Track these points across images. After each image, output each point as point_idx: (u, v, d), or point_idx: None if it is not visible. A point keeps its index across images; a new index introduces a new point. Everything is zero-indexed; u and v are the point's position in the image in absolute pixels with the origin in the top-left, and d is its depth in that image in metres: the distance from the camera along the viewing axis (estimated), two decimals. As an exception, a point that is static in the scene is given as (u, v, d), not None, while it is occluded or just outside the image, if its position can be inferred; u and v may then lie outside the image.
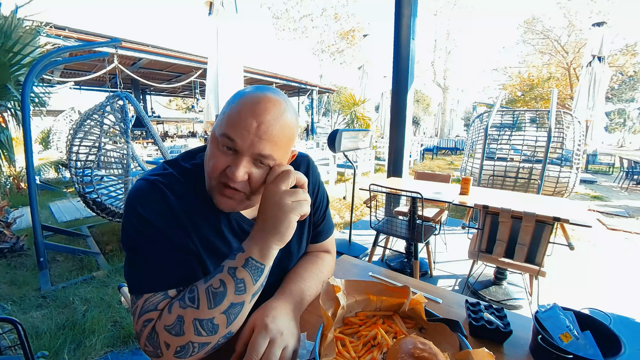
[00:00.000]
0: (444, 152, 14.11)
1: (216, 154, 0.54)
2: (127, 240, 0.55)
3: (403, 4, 3.15)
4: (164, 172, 0.59)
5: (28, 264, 2.65)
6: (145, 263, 0.53)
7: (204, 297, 0.49)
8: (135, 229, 0.53)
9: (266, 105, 0.52)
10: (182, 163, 0.63)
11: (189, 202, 0.58)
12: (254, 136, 0.51)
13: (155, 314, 0.51)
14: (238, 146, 0.52)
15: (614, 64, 13.96)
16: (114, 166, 3.16)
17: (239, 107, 0.53)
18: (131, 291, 0.54)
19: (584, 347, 0.57)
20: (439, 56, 20.39)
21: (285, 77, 12.58)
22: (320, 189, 0.82)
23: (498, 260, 1.95)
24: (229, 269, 0.51)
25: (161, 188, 0.55)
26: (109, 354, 1.65)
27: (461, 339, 0.58)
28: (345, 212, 4.34)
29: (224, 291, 0.50)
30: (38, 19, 2.66)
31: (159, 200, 0.55)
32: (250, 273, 0.51)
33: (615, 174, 8.34)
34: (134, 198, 0.55)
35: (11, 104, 2.66)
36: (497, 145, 3.82)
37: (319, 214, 0.81)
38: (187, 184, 0.59)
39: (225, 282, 0.50)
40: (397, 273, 0.91)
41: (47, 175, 6.22)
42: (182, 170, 0.61)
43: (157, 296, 0.52)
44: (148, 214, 0.53)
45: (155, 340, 0.49)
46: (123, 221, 0.56)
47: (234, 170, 0.52)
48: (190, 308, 0.49)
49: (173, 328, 0.48)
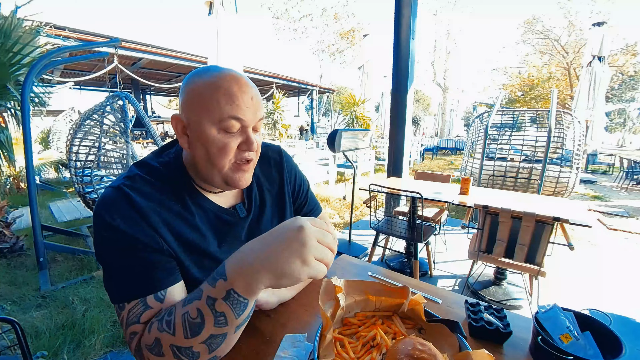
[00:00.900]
0: (444, 152, 14.12)
1: (222, 137, 0.55)
2: (99, 250, 0.54)
3: (403, 4, 3.15)
4: (130, 174, 0.58)
5: (28, 264, 2.65)
6: (120, 271, 0.52)
7: (180, 324, 0.46)
8: (104, 238, 0.52)
9: (241, 78, 0.56)
10: (151, 162, 0.61)
11: (158, 200, 0.56)
12: (253, 108, 0.56)
13: (139, 327, 0.50)
14: (245, 122, 0.55)
15: (614, 64, 13.94)
16: (114, 166, 3.15)
17: (226, 88, 0.54)
18: (112, 301, 0.53)
19: (584, 348, 0.57)
20: (439, 56, 20.39)
21: (285, 77, 12.58)
22: (297, 174, 0.82)
23: (498, 260, 1.95)
24: (207, 299, 0.45)
25: (126, 192, 0.54)
26: (108, 354, 1.65)
27: (461, 339, 0.58)
28: (345, 212, 4.34)
29: (202, 323, 0.45)
30: (38, 19, 2.66)
31: (125, 205, 0.53)
32: (232, 307, 0.45)
33: (615, 174, 8.34)
34: (100, 207, 0.53)
35: (11, 104, 2.66)
36: (497, 145, 3.82)
37: (301, 198, 0.82)
38: (156, 183, 0.58)
39: (203, 313, 0.45)
40: (397, 273, 0.91)
41: (47, 175, 6.23)
42: (150, 170, 0.60)
43: (139, 307, 0.51)
44: (114, 220, 0.52)
45: (140, 355, 0.49)
46: (94, 233, 0.55)
47: (251, 142, 0.56)
48: (167, 333, 0.46)
49: (153, 349, 0.47)
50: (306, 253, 0.43)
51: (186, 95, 0.56)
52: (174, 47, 9.24)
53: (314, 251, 0.43)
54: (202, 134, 0.55)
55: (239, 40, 3.77)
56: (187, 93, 0.56)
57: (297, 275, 0.43)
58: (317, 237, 0.45)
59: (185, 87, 0.56)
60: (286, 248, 0.43)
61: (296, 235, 0.43)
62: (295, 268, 0.43)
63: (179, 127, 0.57)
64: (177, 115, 0.57)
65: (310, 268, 0.43)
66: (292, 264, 0.42)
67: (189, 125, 0.56)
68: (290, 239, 0.44)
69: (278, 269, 0.43)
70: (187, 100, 0.56)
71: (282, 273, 0.43)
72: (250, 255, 0.45)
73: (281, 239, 0.44)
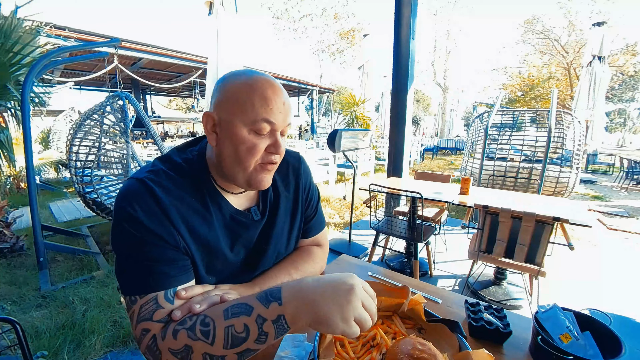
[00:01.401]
0: (444, 152, 14.12)
1: (252, 138, 0.56)
2: (117, 241, 0.54)
3: (403, 4, 3.15)
4: (154, 168, 0.59)
5: (28, 264, 2.65)
6: (137, 264, 0.53)
7: (222, 336, 0.47)
8: (124, 228, 0.53)
9: (275, 83, 0.58)
10: (174, 158, 0.62)
11: (179, 197, 0.57)
12: (284, 114, 0.58)
13: (151, 325, 0.51)
14: (276, 126, 0.57)
15: (614, 63, 13.94)
16: (114, 166, 3.15)
17: (261, 92, 0.55)
18: (124, 293, 0.53)
19: (584, 348, 0.57)
20: (439, 56, 20.40)
21: (285, 77, 12.58)
22: (312, 185, 0.83)
23: (498, 260, 1.95)
24: (257, 317, 0.47)
25: (150, 186, 0.54)
26: (108, 354, 1.65)
27: (461, 339, 0.58)
28: (345, 212, 4.34)
29: (245, 338, 0.47)
30: (38, 19, 2.67)
31: (148, 199, 0.54)
32: (276, 330, 0.47)
33: (616, 174, 8.34)
34: (123, 198, 0.54)
35: (11, 104, 2.67)
36: (497, 145, 3.82)
37: (311, 209, 0.82)
38: (178, 179, 0.59)
39: (250, 329, 0.47)
40: (397, 273, 0.91)
41: (47, 175, 6.23)
42: (173, 165, 0.60)
43: (151, 304, 0.51)
44: (137, 213, 0.52)
45: (157, 354, 0.49)
46: (113, 222, 0.55)
47: (279, 145, 0.58)
48: (202, 342, 0.47)
49: (179, 353, 0.48)
50: (348, 312, 0.45)
51: (221, 94, 0.57)
52: (174, 47, 9.24)
53: (356, 312, 0.46)
54: (233, 132, 0.56)
55: (239, 40, 3.77)
56: (222, 92, 0.57)
57: (333, 328, 0.45)
58: (363, 301, 0.47)
59: (221, 87, 0.58)
60: (334, 299, 0.46)
61: (346, 292, 0.46)
62: (334, 320, 0.45)
63: (209, 124, 0.58)
64: (210, 112, 0.58)
65: (347, 326, 0.45)
66: (333, 316, 0.45)
67: (220, 123, 0.57)
68: (340, 292, 0.47)
69: (320, 314, 0.46)
70: (221, 99, 0.57)
71: (321, 319, 0.46)
72: (307, 291, 0.48)
73: (333, 288, 0.47)
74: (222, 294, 0.58)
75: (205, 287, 0.59)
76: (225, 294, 0.57)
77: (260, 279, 0.68)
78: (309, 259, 0.77)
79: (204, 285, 0.59)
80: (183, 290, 0.54)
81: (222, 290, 0.59)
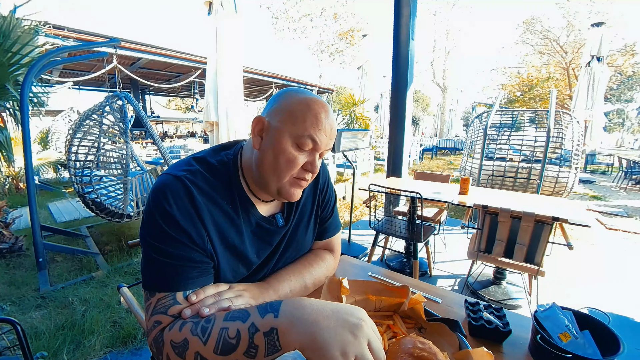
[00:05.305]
0: (443, 152, 14.13)
1: (293, 152, 0.58)
2: (148, 235, 0.54)
3: (402, 4, 3.16)
4: (191, 168, 0.59)
5: (27, 264, 2.64)
6: (164, 261, 0.53)
7: (215, 337, 0.46)
8: (158, 224, 0.53)
9: (330, 110, 0.60)
10: (210, 160, 0.63)
11: (213, 199, 0.58)
12: (328, 138, 0.60)
13: (164, 318, 0.52)
14: (318, 146, 0.59)
15: (613, 64, 13.97)
16: (113, 166, 3.15)
17: (316, 111, 0.57)
18: (145, 287, 0.54)
19: (583, 347, 0.57)
20: (438, 56, 20.41)
21: (284, 77, 12.57)
22: (329, 186, 0.84)
23: (497, 260, 1.95)
24: (251, 325, 0.46)
25: (187, 185, 0.55)
26: (108, 354, 1.64)
27: (460, 338, 0.58)
28: (345, 212, 4.34)
29: (235, 346, 0.45)
30: (37, 19, 2.66)
31: (184, 197, 0.54)
32: (267, 345, 0.44)
33: (614, 174, 8.37)
34: (160, 193, 0.54)
35: (10, 104, 2.66)
36: (496, 145, 3.82)
37: (328, 210, 0.83)
38: (213, 181, 0.60)
39: (241, 337, 0.45)
40: (397, 273, 0.91)
41: (46, 175, 6.21)
42: (209, 167, 0.61)
43: (168, 299, 0.52)
44: (173, 210, 0.53)
45: (160, 345, 0.50)
46: (146, 214, 0.55)
47: (315, 165, 0.60)
48: (198, 339, 0.47)
49: (177, 347, 0.48)
50: (350, 346, 0.41)
51: (278, 103, 0.60)
52: (173, 47, 9.22)
53: (358, 350, 0.41)
54: (278, 141, 0.57)
55: (238, 40, 3.77)
56: (280, 102, 0.60)
57: (328, 358, 0.40)
58: (370, 341, 0.43)
59: (281, 97, 0.60)
60: (337, 328, 0.42)
61: (354, 325, 0.43)
62: (331, 352, 0.40)
63: (257, 127, 0.60)
64: (261, 116, 0.60)
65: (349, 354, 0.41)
66: (331, 347, 0.41)
67: (269, 128, 0.59)
68: (346, 324, 0.43)
69: (317, 339, 0.41)
70: (277, 108, 0.59)
71: (318, 346, 0.41)
72: (309, 310, 0.45)
73: (340, 317, 0.44)
74: (233, 296, 0.58)
75: (219, 287, 0.59)
76: (235, 298, 0.58)
77: (273, 279, 0.69)
78: (322, 263, 0.78)
79: (217, 285, 0.59)
80: (194, 295, 0.54)
81: (234, 292, 0.60)
